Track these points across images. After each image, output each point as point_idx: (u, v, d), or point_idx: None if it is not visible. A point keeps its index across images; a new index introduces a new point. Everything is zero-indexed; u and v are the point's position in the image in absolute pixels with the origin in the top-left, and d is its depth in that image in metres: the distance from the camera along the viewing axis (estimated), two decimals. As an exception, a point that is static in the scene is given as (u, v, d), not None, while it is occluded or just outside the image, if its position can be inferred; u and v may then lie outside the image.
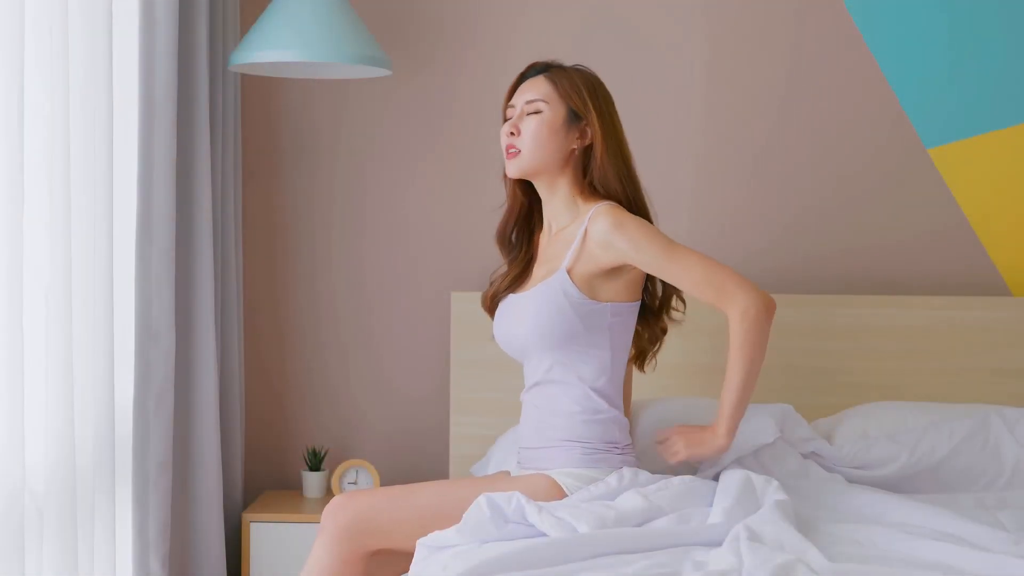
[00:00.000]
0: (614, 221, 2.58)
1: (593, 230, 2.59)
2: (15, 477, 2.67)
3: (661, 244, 2.58)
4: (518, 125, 2.66)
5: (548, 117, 2.64)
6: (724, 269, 2.59)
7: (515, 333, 2.69)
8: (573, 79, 2.68)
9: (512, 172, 2.69)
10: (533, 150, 2.64)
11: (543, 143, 2.64)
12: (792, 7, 3.50)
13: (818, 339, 3.39)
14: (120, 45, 2.99)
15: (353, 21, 3.22)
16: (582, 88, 2.66)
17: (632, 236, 2.57)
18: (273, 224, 3.60)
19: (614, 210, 2.61)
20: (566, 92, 2.65)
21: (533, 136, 2.64)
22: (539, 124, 2.64)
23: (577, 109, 2.65)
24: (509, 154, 2.67)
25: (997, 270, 3.49)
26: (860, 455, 2.91)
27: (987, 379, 3.36)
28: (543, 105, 2.65)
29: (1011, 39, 3.45)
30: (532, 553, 2.22)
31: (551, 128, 2.64)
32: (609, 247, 2.58)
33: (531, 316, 2.64)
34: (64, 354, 2.78)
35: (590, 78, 2.70)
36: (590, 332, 2.61)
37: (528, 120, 2.66)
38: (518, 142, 2.65)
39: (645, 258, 2.58)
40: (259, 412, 3.63)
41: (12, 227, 2.65)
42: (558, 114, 2.65)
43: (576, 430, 2.62)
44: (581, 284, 2.61)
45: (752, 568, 2.11)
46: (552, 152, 2.65)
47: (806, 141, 3.52)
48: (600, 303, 2.62)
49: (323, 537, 2.58)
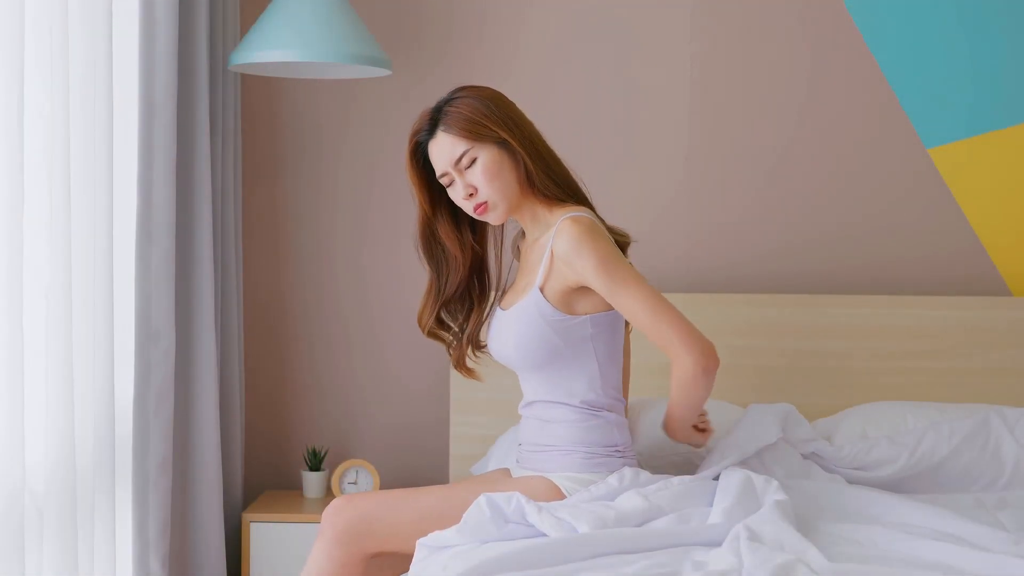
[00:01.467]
0: (574, 241, 2.52)
1: (557, 247, 2.55)
2: (15, 477, 2.67)
3: (611, 276, 2.51)
4: (472, 184, 2.57)
5: (486, 161, 2.56)
6: (668, 319, 2.51)
7: (503, 352, 2.68)
8: (468, 115, 2.57)
9: (496, 222, 2.63)
10: (498, 191, 2.57)
11: (501, 181, 2.57)
12: (792, 7, 3.50)
13: (818, 339, 3.39)
14: (120, 45, 2.99)
15: (353, 21, 3.22)
16: (482, 118, 2.57)
17: (587, 258, 2.51)
18: (273, 224, 3.60)
19: (575, 227, 2.54)
20: (476, 133, 2.56)
21: (490, 182, 2.56)
22: (484, 169, 2.56)
23: (499, 140, 2.57)
24: (479, 212, 2.59)
25: (997, 270, 3.49)
26: (860, 456, 2.91)
27: (987, 379, 3.36)
28: (477, 154, 2.56)
29: (1011, 39, 3.45)
30: (532, 553, 2.22)
31: (499, 165, 2.57)
32: (569, 265, 2.55)
33: (513, 338, 2.62)
34: (64, 354, 2.78)
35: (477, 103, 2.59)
36: (572, 347, 2.59)
37: (471, 173, 2.57)
38: (481, 197, 2.58)
39: (598, 283, 2.53)
40: (259, 412, 3.63)
41: (12, 227, 2.65)
42: (491, 154, 2.57)
43: (576, 436, 2.61)
44: (556, 300, 2.58)
45: (752, 568, 2.11)
46: (510, 185, 2.59)
47: (806, 141, 3.52)
48: (578, 316, 2.58)
49: (322, 540, 2.58)
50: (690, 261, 3.49)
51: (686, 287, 3.47)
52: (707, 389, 2.57)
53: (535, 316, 2.58)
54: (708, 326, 3.34)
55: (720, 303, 3.40)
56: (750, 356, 3.38)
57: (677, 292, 3.42)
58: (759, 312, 3.39)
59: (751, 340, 3.38)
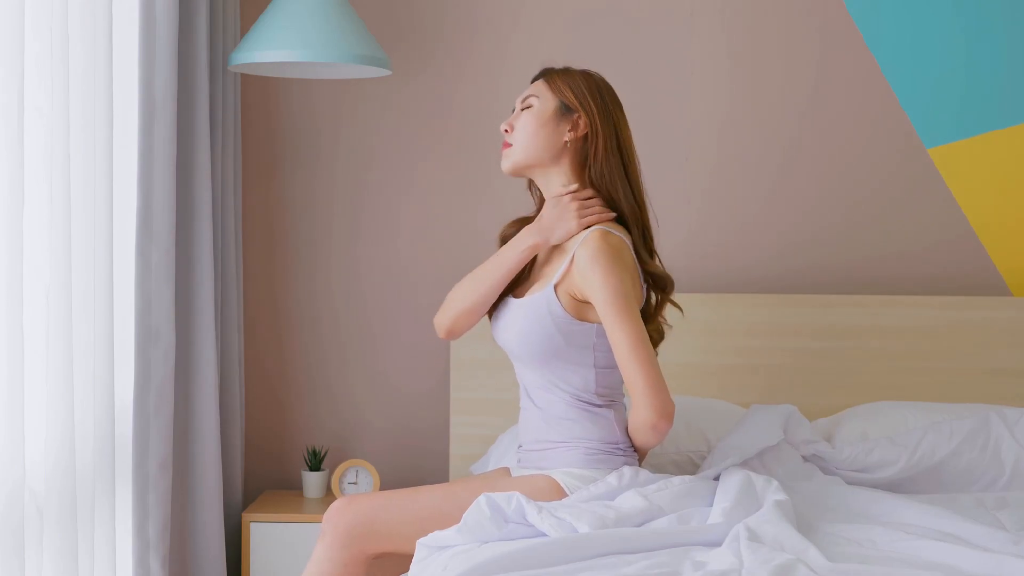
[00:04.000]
0: (591, 258, 2.55)
1: (578, 256, 2.58)
2: (15, 477, 2.67)
3: (611, 304, 2.53)
4: (512, 122, 2.69)
5: (538, 109, 2.67)
6: (644, 366, 2.52)
7: (506, 338, 2.70)
8: (572, 77, 2.69)
9: (504, 167, 2.70)
10: (523, 142, 2.67)
11: (532, 134, 2.66)
12: (792, 8, 3.50)
13: (818, 339, 3.39)
14: (120, 45, 2.99)
15: (353, 21, 3.23)
16: (580, 85, 2.67)
17: (598, 279, 2.54)
18: (273, 224, 3.60)
19: (601, 242, 2.56)
20: (558, 87, 2.67)
21: (522, 128, 2.67)
22: (528, 116, 2.67)
23: (568, 102, 2.66)
24: (504, 150, 2.70)
25: (997, 270, 3.49)
26: (860, 458, 2.91)
27: (987, 379, 3.36)
28: (534, 100, 2.68)
29: (1011, 39, 3.45)
30: (532, 553, 2.22)
31: (540, 119, 2.66)
32: (583, 278, 2.57)
33: (517, 328, 2.64)
34: (64, 354, 2.78)
35: (593, 78, 2.71)
36: (573, 349, 2.60)
37: (521, 115, 2.69)
38: (510, 138, 2.69)
39: (600, 306, 2.55)
40: (259, 412, 3.63)
41: (12, 227, 2.65)
42: (548, 106, 2.66)
43: (576, 431, 2.62)
44: (567, 304, 2.60)
45: (752, 568, 2.11)
46: (542, 143, 2.65)
47: (805, 141, 3.52)
48: (586, 323, 2.60)
49: (324, 541, 2.58)
50: (691, 261, 3.49)
51: (687, 288, 3.47)
52: (654, 442, 2.59)
53: (544, 312, 2.60)
54: (709, 327, 3.36)
55: (721, 303, 3.40)
56: (751, 356, 3.38)
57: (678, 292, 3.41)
58: (759, 312, 3.39)
59: (752, 340, 3.38)
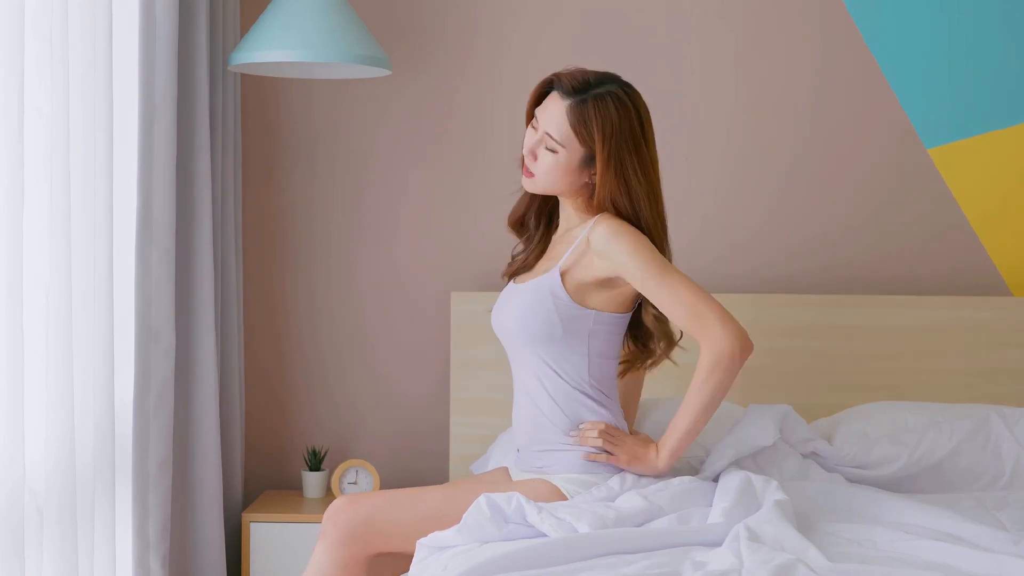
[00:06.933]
0: (613, 230, 2.57)
1: (594, 237, 2.59)
2: (15, 477, 2.67)
3: (655, 262, 2.56)
4: (535, 151, 2.64)
5: (563, 160, 2.61)
6: (711, 301, 2.57)
7: (503, 322, 2.71)
8: (604, 118, 2.58)
9: (526, 188, 2.69)
10: (545, 182, 2.64)
11: (557, 179, 2.63)
12: (792, 8, 3.50)
13: (818, 339, 3.39)
14: (120, 45, 2.99)
15: (353, 21, 3.23)
16: (609, 128, 2.58)
17: (628, 248, 2.55)
18: (273, 224, 3.60)
19: (615, 221, 2.59)
20: (585, 138, 2.59)
21: (547, 172, 2.63)
22: (554, 164, 2.61)
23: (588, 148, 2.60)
24: (525, 171, 2.67)
25: (997, 270, 3.49)
26: (860, 455, 2.91)
27: (987, 379, 3.36)
28: (560, 148, 2.61)
29: (1011, 39, 3.45)
30: (532, 553, 2.22)
31: (565, 170, 2.62)
32: (605, 256, 2.57)
33: (517, 310, 2.65)
34: (64, 354, 2.78)
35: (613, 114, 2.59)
36: (568, 335, 2.61)
37: (545, 154, 2.62)
38: (534, 168, 2.65)
39: (637, 273, 2.55)
40: (259, 412, 3.63)
41: (12, 227, 2.65)
42: (574, 157, 2.61)
43: (571, 427, 2.62)
44: (571, 288, 2.61)
45: (752, 568, 2.11)
46: (566, 185, 2.65)
47: (805, 142, 3.52)
48: (586, 309, 2.61)
49: (324, 541, 2.58)
50: (691, 262, 3.49)
51: (686, 287, 3.47)
52: (732, 376, 2.58)
53: (547, 294, 2.61)
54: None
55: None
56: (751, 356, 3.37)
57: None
58: (759, 312, 3.39)
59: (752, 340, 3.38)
